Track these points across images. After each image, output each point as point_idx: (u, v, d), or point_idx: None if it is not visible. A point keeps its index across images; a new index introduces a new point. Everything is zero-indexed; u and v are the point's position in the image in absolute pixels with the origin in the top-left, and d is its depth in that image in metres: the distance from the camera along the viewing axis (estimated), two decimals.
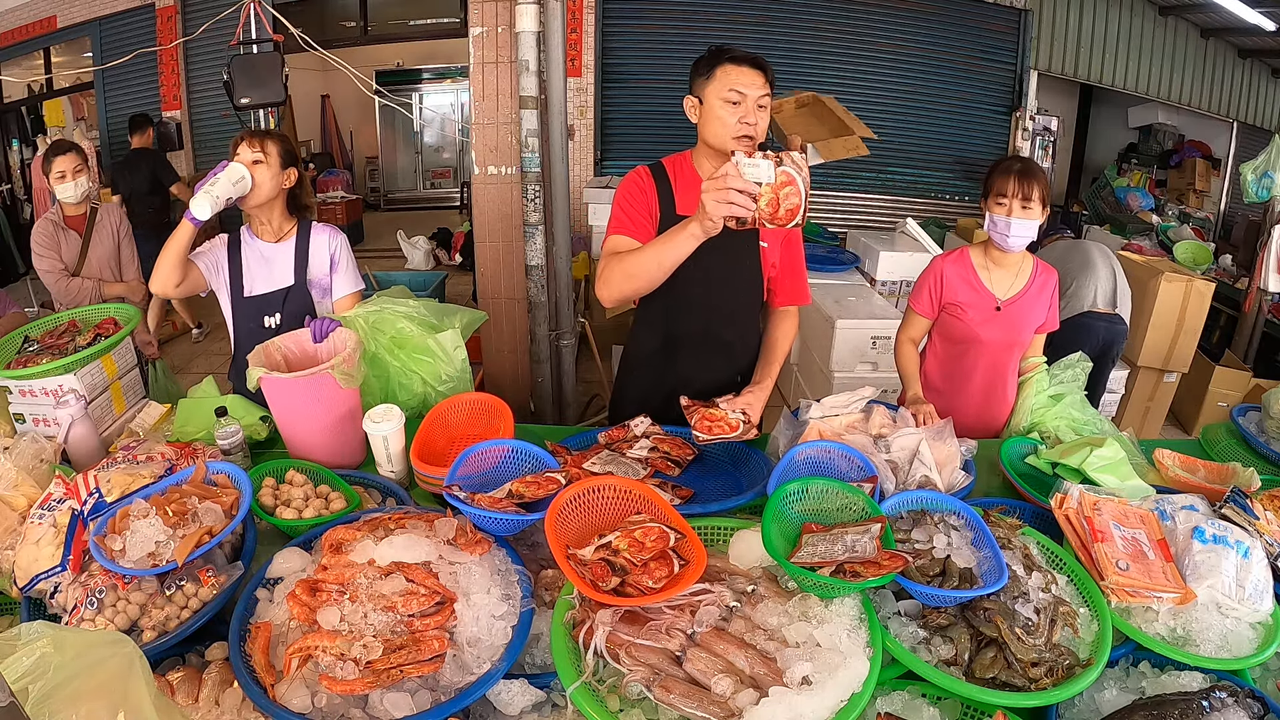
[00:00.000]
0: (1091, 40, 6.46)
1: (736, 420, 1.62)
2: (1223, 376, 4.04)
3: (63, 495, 1.35)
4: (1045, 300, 2.02)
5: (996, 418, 2.08)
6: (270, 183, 1.97)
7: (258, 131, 1.99)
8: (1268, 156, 4.10)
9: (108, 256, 2.97)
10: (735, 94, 1.62)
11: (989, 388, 2.07)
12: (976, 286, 2.02)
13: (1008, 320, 2.00)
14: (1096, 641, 1.15)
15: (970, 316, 2.02)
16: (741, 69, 1.62)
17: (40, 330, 1.93)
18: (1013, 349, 2.04)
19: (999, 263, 2.01)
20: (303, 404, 1.64)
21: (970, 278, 2.03)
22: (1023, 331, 2.02)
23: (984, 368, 2.06)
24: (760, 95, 1.63)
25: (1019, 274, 2.02)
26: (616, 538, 1.18)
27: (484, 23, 3.04)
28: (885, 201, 6.74)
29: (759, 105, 1.63)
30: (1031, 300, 2.01)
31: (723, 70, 1.63)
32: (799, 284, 1.90)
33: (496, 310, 3.40)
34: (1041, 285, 2.02)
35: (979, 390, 2.08)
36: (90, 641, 0.88)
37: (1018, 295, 2.01)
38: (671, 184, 1.79)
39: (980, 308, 2.01)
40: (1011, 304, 2.00)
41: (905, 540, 1.26)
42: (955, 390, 2.11)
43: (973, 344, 2.04)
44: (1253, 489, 1.53)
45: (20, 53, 7.18)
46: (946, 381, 2.12)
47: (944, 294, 2.05)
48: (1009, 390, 2.08)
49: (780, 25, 6.29)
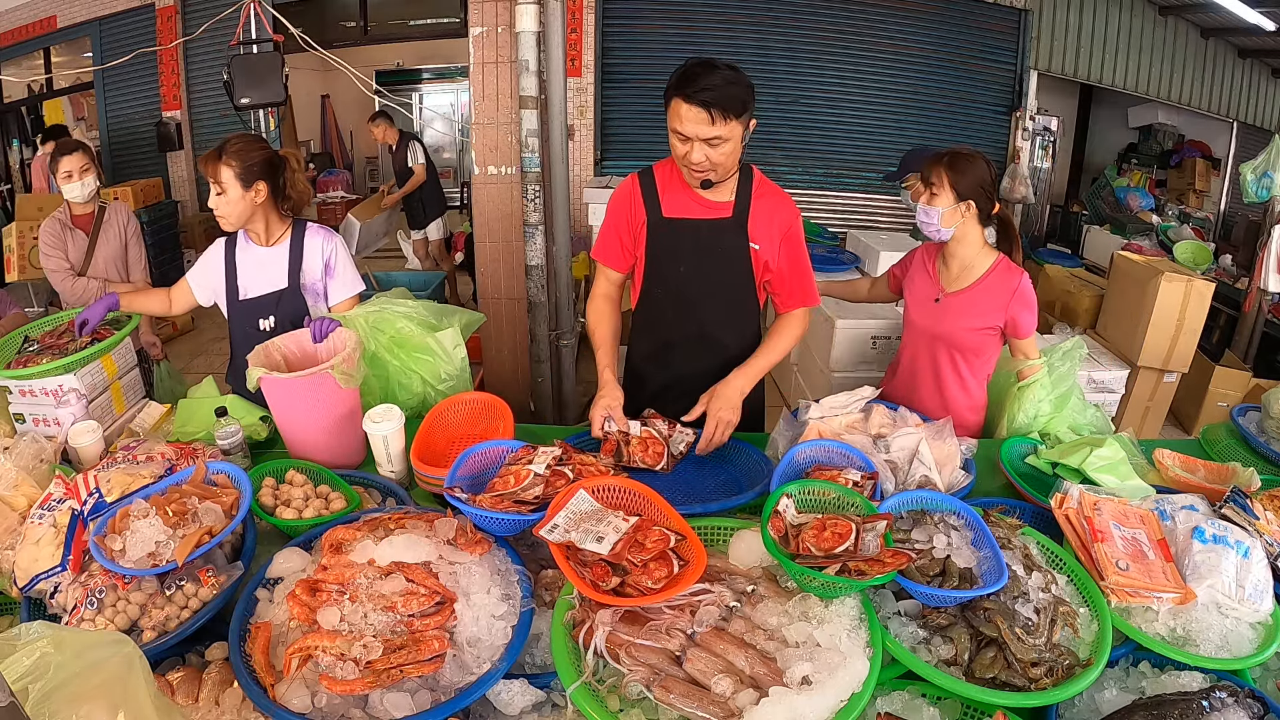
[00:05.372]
0: (1091, 40, 6.45)
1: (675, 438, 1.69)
2: (1223, 376, 4.03)
3: (63, 495, 1.35)
4: (998, 301, 1.90)
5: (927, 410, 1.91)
6: (233, 208, 1.91)
7: (209, 157, 1.89)
8: (1268, 156, 4.09)
9: (115, 256, 2.96)
10: (678, 134, 1.59)
11: (911, 375, 2.06)
12: (930, 275, 2.03)
13: (942, 312, 1.96)
14: (1096, 641, 1.14)
15: (912, 302, 2.06)
16: (688, 108, 1.54)
17: (40, 330, 1.94)
18: (939, 342, 1.97)
19: (951, 255, 1.97)
20: (303, 404, 1.64)
21: (929, 266, 2.04)
22: (955, 326, 1.94)
23: (909, 354, 2.07)
24: (709, 136, 1.55)
25: (969, 269, 1.95)
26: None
27: (484, 23, 3.04)
28: (885, 201, 6.73)
29: (710, 144, 1.57)
30: (975, 297, 1.92)
31: (672, 104, 1.57)
32: (804, 285, 1.86)
33: (496, 310, 3.40)
34: (995, 285, 1.90)
35: (905, 376, 2.09)
36: (90, 641, 0.88)
37: (961, 290, 1.95)
38: (658, 190, 1.81)
39: (924, 295, 2.03)
40: (952, 297, 1.96)
41: (905, 540, 1.25)
42: (893, 372, 2.16)
43: (908, 328, 2.08)
44: (1253, 489, 1.53)
45: (20, 53, 7.18)
46: (895, 362, 2.18)
47: (905, 275, 2.12)
48: (941, 388, 2.01)
49: (780, 25, 6.28)
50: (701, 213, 1.78)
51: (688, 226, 1.79)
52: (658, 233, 1.82)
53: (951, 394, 2.01)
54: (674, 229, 1.80)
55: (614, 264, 1.90)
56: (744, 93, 1.56)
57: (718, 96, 1.52)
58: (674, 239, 1.81)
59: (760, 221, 1.78)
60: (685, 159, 1.62)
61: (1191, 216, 6.72)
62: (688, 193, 1.78)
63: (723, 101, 1.53)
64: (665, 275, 1.85)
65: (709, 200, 1.78)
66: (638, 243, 1.85)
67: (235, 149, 1.89)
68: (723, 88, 1.53)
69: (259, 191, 1.93)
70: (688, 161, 1.62)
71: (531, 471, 1.31)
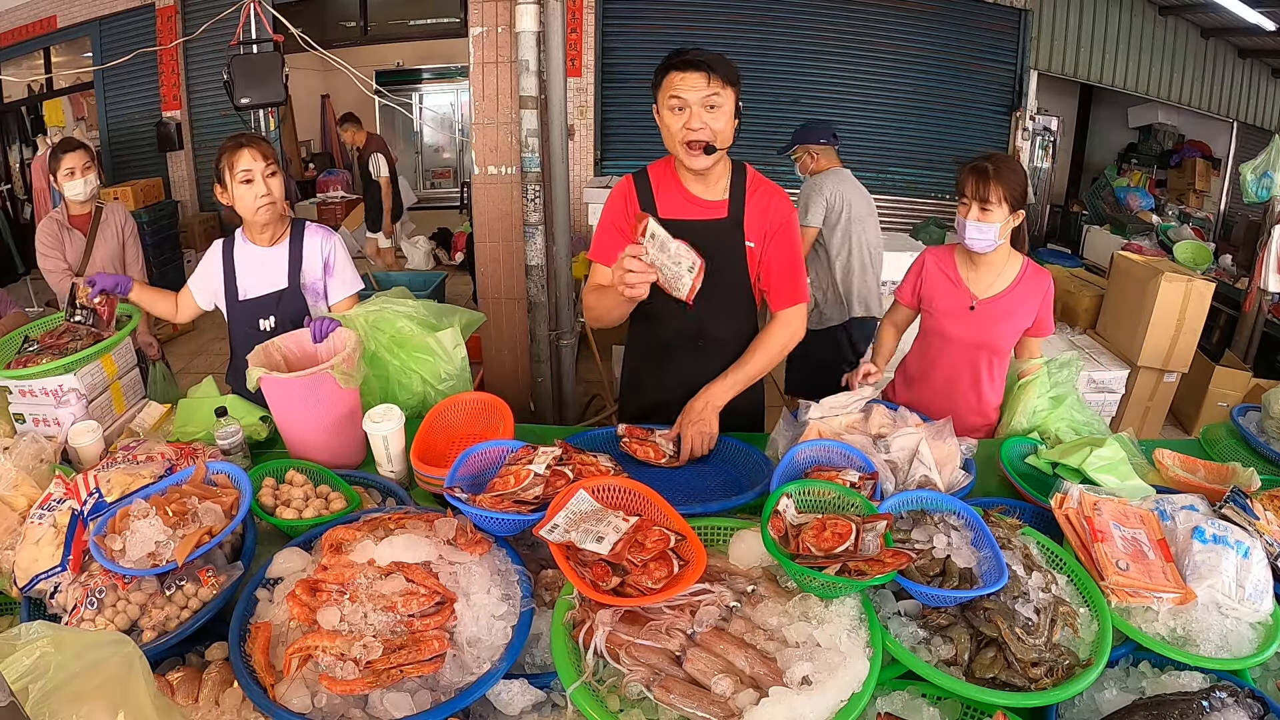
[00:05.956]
0: (1091, 40, 6.46)
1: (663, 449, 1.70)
2: (1223, 376, 4.03)
3: (63, 495, 1.35)
4: (1031, 303, 1.97)
5: (961, 417, 1.97)
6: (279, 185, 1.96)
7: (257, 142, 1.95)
8: (1268, 156, 4.09)
9: (112, 256, 2.96)
10: (677, 99, 1.61)
11: (949, 384, 2.05)
12: (956, 284, 2.01)
13: (981, 320, 1.97)
14: (1096, 641, 1.14)
15: (943, 312, 2.02)
16: (684, 74, 1.59)
17: (40, 330, 1.93)
18: (982, 350, 2.00)
19: (980, 261, 1.97)
20: (303, 404, 1.64)
21: (951, 274, 2.02)
22: (997, 333, 1.98)
23: (947, 364, 2.05)
24: (706, 96, 1.59)
25: (1002, 274, 1.98)
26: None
27: (484, 23, 3.04)
28: (885, 201, 6.73)
29: (708, 106, 1.61)
30: (1012, 302, 1.97)
31: (667, 79, 1.62)
32: (794, 282, 1.83)
33: (496, 310, 3.40)
34: (1029, 288, 1.97)
35: (940, 385, 2.07)
36: (90, 641, 0.88)
37: (996, 296, 1.97)
38: (653, 191, 1.80)
39: (955, 304, 2.00)
40: (988, 304, 1.97)
41: (905, 540, 1.25)
42: (920, 381, 2.12)
43: (939, 338, 2.04)
44: (1253, 489, 1.53)
45: (20, 53, 7.18)
46: (917, 371, 2.14)
47: (923, 287, 2.07)
48: (979, 392, 2.03)
49: (780, 25, 6.29)
50: (697, 213, 1.77)
51: (683, 228, 1.77)
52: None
53: (987, 397, 2.05)
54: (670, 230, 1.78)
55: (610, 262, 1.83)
56: (733, 68, 1.63)
57: (711, 61, 1.60)
58: None
59: (755, 219, 1.78)
60: (684, 128, 1.63)
61: (1191, 216, 6.72)
62: (683, 193, 1.78)
63: (716, 65, 1.59)
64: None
65: (703, 200, 1.77)
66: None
67: (254, 138, 1.98)
68: (713, 57, 1.60)
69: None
70: (688, 128, 1.62)
71: (531, 471, 1.31)
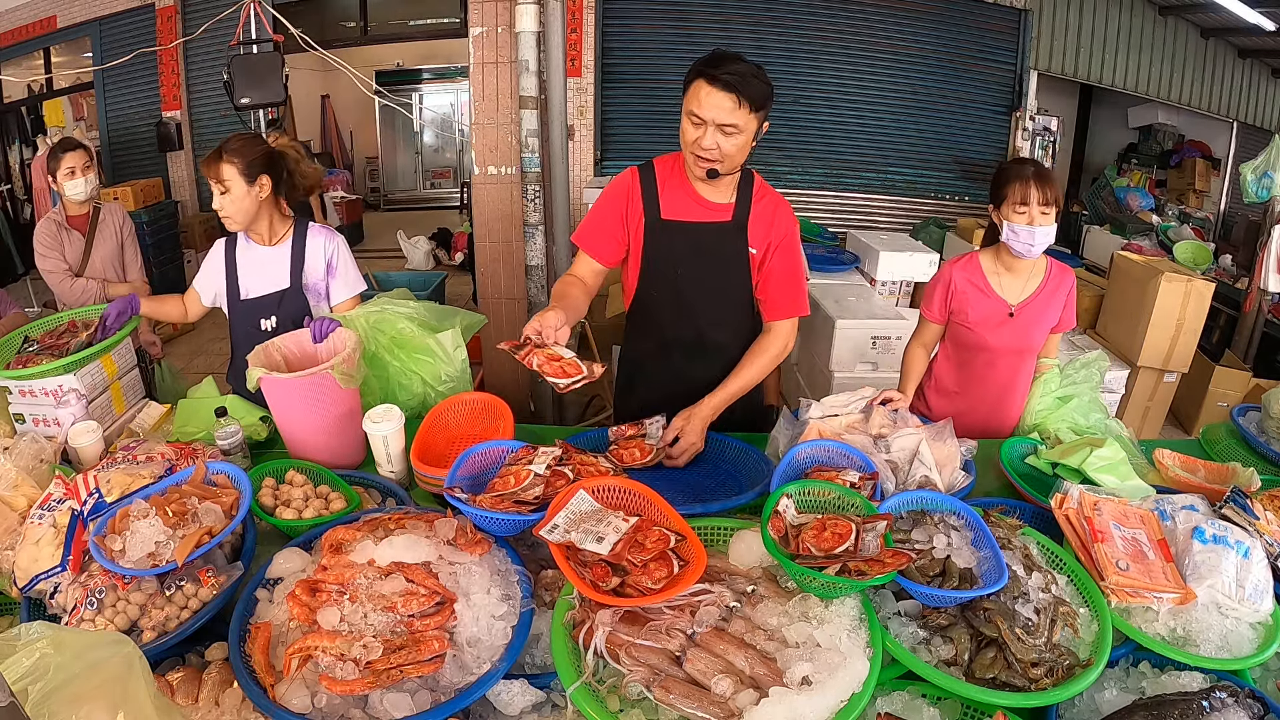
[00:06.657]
0: (1091, 40, 6.45)
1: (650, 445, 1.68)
2: (1223, 376, 4.03)
3: (63, 495, 1.35)
4: (1060, 300, 1.98)
5: (1007, 420, 2.05)
6: (239, 205, 1.91)
7: (210, 159, 1.89)
8: (1268, 156, 4.10)
9: (111, 256, 2.96)
10: (696, 116, 1.58)
11: (1002, 392, 2.05)
12: (988, 293, 1.98)
13: (1020, 325, 1.97)
14: (1096, 642, 1.15)
15: (981, 325, 1.98)
16: (711, 90, 1.54)
17: (40, 330, 1.93)
18: (1025, 353, 2.01)
19: (1011, 268, 1.97)
20: (302, 404, 1.63)
21: (981, 284, 1.99)
22: (1035, 335, 1.99)
23: (997, 374, 2.02)
24: (726, 122, 1.55)
25: (1031, 277, 1.98)
26: None
27: (484, 23, 3.04)
28: (885, 201, 6.74)
29: (724, 131, 1.57)
30: (1045, 302, 1.97)
31: (695, 86, 1.57)
32: (792, 295, 1.79)
33: (496, 310, 3.40)
34: (1056, 286, 1.98)
35: (992, 395, 2.05)
36: (90, 642, 0.88)
37: (1030, 299, 1.97)
38: (658, 187, 1.77)
39: (992, 315, 1.97)
40: (1024, 308, 1.97)
41: (905, 540, 1.25)
42: (966, 394, 2.07)
43: (983, 350, 2.01)
44: (1253, 489, 1.53)
45: (20, 53, 7.18)
46: (958, 385, 2.09)
47: (953, 301, 2.02)
48: (1022, 394, 2.05)
49: (779, 25, 6.28)
50: (701, 215, 1.76)
51: (687, 229, 1.77)
52: (655, 234, 1.77)
53: (1025, 396, 2.05)
54: (672, 231, 1.77)
55: (598, 253, 1.79)
56: (766, 90, 1.59)
57: (743, 82, 1.54)
58: (672, 241, 1.77)
59: (760, 226, 1.76)
60: (696, 144, 1.61)
61: (1191, 216, 6.72)
62: (688, 192, 1.75)
63: (747, 89, 1.54)
64: (662, 277, 1.81)
65: (709, 202, 1.75)
66: (633, 241, 1.81)
67: (235, 146, 1.92)
68: (748, 77, 1.55)
69: (263, 186, 1.94)
70: (698, 147, 1.60)
71: (531, 472, 1.31)
